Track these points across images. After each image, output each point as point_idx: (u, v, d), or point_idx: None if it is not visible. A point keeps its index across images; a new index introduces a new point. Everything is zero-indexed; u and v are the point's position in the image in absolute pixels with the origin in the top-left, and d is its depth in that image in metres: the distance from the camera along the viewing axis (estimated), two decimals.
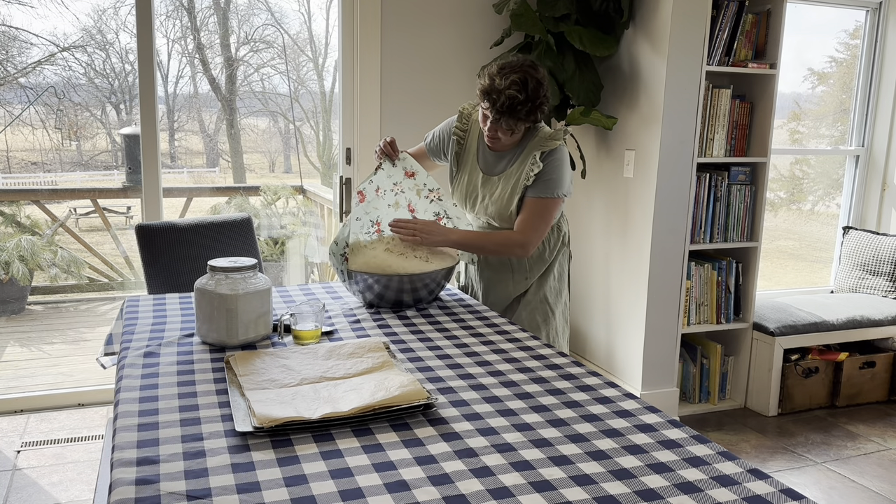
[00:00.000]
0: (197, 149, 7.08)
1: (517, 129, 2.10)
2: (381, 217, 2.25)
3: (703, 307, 3.42)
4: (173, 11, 5.85)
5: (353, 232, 2.19)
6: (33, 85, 5.42)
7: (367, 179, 2.23)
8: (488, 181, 2.22)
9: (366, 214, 2.22)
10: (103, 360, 2.09)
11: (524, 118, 2.06)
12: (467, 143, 2.28)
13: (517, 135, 2.15)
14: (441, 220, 2.29)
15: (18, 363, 4.33)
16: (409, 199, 2.28)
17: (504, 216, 2.20)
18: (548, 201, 2.14)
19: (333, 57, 5.84)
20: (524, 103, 2.03)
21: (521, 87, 2.02)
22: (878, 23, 4.03)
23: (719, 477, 1.17)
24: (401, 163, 2.25)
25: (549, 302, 2.30)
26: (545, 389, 1.52)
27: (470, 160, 2.27)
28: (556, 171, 2.13)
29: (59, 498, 2.57)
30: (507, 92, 2.01)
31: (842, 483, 2.86)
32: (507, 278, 2.29)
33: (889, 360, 3.65)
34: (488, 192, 2.21)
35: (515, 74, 2.03)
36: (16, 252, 5.08)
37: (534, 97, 2.04)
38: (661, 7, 3.05)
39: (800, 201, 4.76)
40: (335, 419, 1.31)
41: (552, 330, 2.31)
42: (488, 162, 2.24)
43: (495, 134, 2.12)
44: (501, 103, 2.02)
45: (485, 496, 1.10)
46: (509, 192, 2.16)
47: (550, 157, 2.13)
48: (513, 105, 2.02)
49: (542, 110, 2.10)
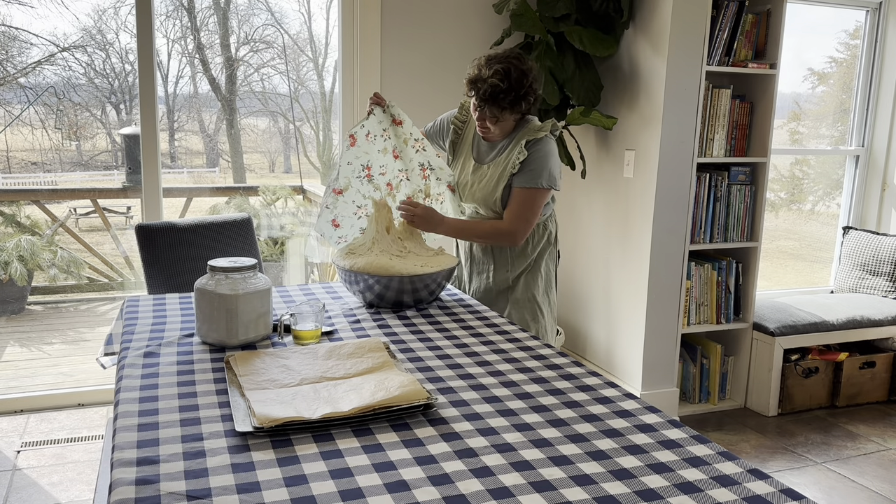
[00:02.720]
0: (197, 149, 7.08)
1: (502, 117, 2.16)
2: (372, 162, 2.29)
3: (703, 307, 3.42)
4: (173, 11, 5.85)
5: (343, 175, 2.24)
6: (33, 85, 5.41)
7: (359, 124, 2.26)
8: (479, 169, 2.29)
9: (356, 159, 2.27)
10: (103, 360, 2.09)
11: (508, 107, 2.13)
12: (464, 134, 2.36)
13: (506, 125, 2.21)
14: (425, 171, 2.34)
15: (18, 363, 4.33)
16: (395, 145, 2.32)
17: (489, 203, 2.25)
18: (533, 191, 2.19)
19: (333, 57, 5.84)
20: (507, 92, 2.10)
21: (503, 76, 2.10)
22: (878, 23, 4.03)
23: (719, 477, 1.17)
24: (390, 109, 2.29)
25: (537, 301, 2.34)
26: (545, 389, 1.52)
27: (465, 150, 2.35)
28: (541, 161, 2.18)
29: (59, 498, 2.57)
30: (490, 81, 2.09)
31: (842, 483, 2.86)
32: (490, 270, 2.35)
33: (889, 360, 3.65)
34: (477, 179, 2.28)
35: (499, 65, 2.11)
36: (15, 252, 5.07)
37: (517, 87, 2.11)
38: (661, 7, 3.05)
39: (800, 201, 4.76)
40: (335, 419, 1.31)
41: (542, 328, 2.36)
42: (481, 152, 2.32)
43: (484, 123, 2.20)
44: (484, 91, 2.11)
45: (485, 496, 1.10)
46: (496, 180, 2.23)
47: (536, 146, 2.19)
48: (495, 93, 2.10)
49: (528, 101, 2.17)
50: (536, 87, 2.19)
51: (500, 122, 2.19)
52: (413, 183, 2.35)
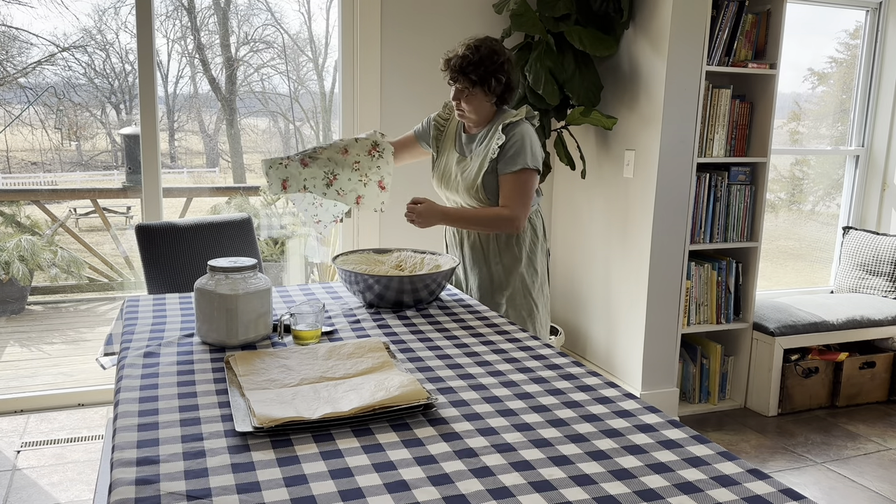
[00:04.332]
0: (197, 149, 7.07)
1: (473, 92, 2.21)
2: (337, 172, 2.32)
3: (703, 307, 3.42)
4: (173, 11, 5.85)
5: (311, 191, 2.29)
6: (33, 85, 5.41)
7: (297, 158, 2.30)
8: (462, 160, 2.35)
9: (313, 178, 2.30)
10: (103, 360, 2.09)
11: (478, 81, 2.19)
12: (447, 130, 2.43)
13: (481, 108, 2.25)
14: (372, 151, 2.36)
15: (18, 363, 4.33)
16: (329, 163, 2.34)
17: (471, 191, 2.29)
18: (520, 174, 2.23)
19: (333, 57, 5.84)
20: (476, 65, 2.17)
21: (473, 50, 2.19)
22: (878, 23, 4.03)
23: (719, 477, 1.17)
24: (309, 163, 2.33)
25: (532, 296, 2.39)
26: (545, 389, 1.52)
27: (448, 145, 2.41)
28: (519, 143, 2.22)
29: (59, 498, 2.57)
30: (461, 52, 2.19)
31: (842, 483, 2.86)
32: (482, 263, 2.38)
33: (889, 360, 3.65)
34: (461, 170, 2.34)
35: (471, 41, 2.21)
36: (16, 252, 5.08)
37: (487, 62, 2.18)
38: (661, 7, 3.05)
39: (800, 202, 4.76)
40: (335, 419, 1.31)
41: (538, 323, 2.41)
42: (463, 145, 2.38)
43: (459, 104, 2.26)
44: (455, 63, 2.18)
45: (485, 496, 1.10)
46: (477, 167, 2.28)
47: (513, 129, 2.23)
48: (464, 64, 2.17)
49: (499, 79, 2.22)
50: (510, 70, 2.25)
51: (475, 103, 2.24)
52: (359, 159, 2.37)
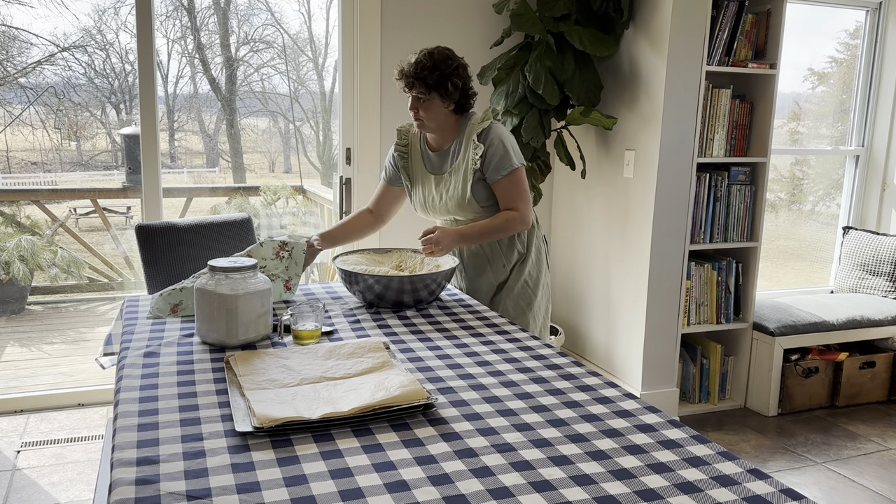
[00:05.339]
0: (197, 149, 7.08)
1: (429, 98, 2.20)
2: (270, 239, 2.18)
3: (703, 307, 3.42)
4: (173, 11, 5.86)
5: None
6: (33, 85, 5.42)
7: None
8: (440, 180, 2.31)
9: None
10: (102, 360, 2.09)
11: (434, 86, 2.18)
12: (411, 155, 2.39)
13: (438, 114, 2.23)
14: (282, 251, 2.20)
15: (18, 363, 4.33)
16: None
17: (463, 205, 2.28)
18: (512, 176, 2.24)
19: (333, 57, 5.84)
20: (430, 69, 2.17)
21: (427, 56, 2.19)
22: (878, 23, 4.03)
23: (719, 477, 1.17)
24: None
25: (529, 286, 2.39)
26: (545, 389, 1.52)
27: (418, 169, 2.37)
28: (500, 147, 2.23)
29: (59, 498, 2.57)
30: (413, 58, 2.20)
31: (842, 483, 2.86)
32: (487, 268, 2.38)
33: (889, 360, 3.65)
34: (444, 189, 2.31)
35: (425, 49, 2.22)
36: (16, 252, 5.08)
37: (441, 66, 2.18)
38: (661, 7, 3.05)
39: (800, 202, 4.76)
40: (335, 419, 1.31)
41: (536, 308, 2.41)
42: (434, 164, 2.34)
43: (417, 113, 2.23)
44: (410, 70, 2.18)
45: (485, 496, 1.10)
46: (462, 181, 2.26)
47: (487, 136, 2.23)
48: (417, 69, 2.17)
49: (455, 83, 2.21)
50: (465, 76, 2.23)
51: (432, 111, 2.21)
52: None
